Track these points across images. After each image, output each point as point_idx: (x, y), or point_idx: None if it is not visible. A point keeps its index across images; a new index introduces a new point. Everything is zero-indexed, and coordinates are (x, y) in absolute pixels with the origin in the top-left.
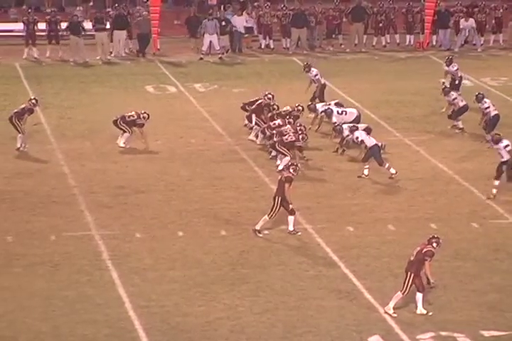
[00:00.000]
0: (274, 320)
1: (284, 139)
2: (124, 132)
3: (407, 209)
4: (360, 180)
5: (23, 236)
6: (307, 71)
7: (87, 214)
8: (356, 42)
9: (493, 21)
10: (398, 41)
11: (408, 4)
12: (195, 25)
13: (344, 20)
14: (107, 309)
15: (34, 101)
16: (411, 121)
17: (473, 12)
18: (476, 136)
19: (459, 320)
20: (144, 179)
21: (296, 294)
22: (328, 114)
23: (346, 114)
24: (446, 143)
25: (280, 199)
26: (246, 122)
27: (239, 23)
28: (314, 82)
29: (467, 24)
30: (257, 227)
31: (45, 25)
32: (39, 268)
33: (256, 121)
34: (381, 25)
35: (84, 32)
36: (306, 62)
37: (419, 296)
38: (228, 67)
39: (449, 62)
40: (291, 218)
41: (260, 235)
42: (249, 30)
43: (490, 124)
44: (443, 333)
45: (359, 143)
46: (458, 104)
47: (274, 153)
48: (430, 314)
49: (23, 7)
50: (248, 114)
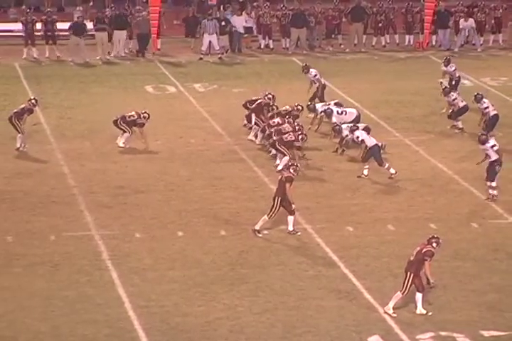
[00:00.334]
0: (274, 320)
1: (284, 138)
2: (124, 132)
3: (407, 209)
4: (359, 180)
5: (23, 236)
6: (306, 72)
7: (87, 214)
8: (356, 42)
9: (492, 21)
10: (398, 41)
11: (408, 4)
12: (193, 25)
13: (344, 20)
14: (107, 309)
15: (34, 101)
16: (411, 121)
17: (472, 12)
18: (476, 136)
19: (459, 320)
20: (144, 179)
21: (295, 294)
22: (327, 114)
23: (346, 114)
24: (445, 143)
25: (280, 199)
26: (245, 122)
27: (238, 23)
28: (314, 83)
29: (467, 24)
30: (257, 227)
31: (40, 25)
32: (39, 268)
33: (255, 121)
34: (381, 25)
35: (86, 33)
36: (305, 63)
37: (418, 296)
38: (228, 67)
39: (447, 62)
40: (290, 218)
41: (260, 235)
42: (248, 30)
43: (489, 124)
44: (442, 333)
45: (359, 142)
46: (458, 105)
47: (274, 152)
48: (430, 314)
49: (23, 7)
50: (247, 114)
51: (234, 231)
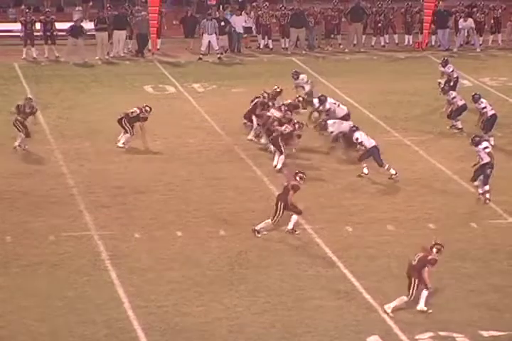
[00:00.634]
0: (273, 320)
1: (283, 130)
2: (126, 133)
3: (406, 209)
4: (359, 181)
5: (22, 236)
6: (296, 78)
7: (86, 214)
8: (355, 42)
9: (491, 21)
10: (397, 41)
11: (407, 4)
12: (191, 25)
13: (343, 20)
14: (106, 309)
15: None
16: (410, 121)
17: (472, 12)
18: None
19: (458, 320)
20: (143, 179)
21: (294, 294)
22: (322, 101)
23: (339, 106)
24: (445, 143)
25: (283, 204)
26: (245, 121)
27: (238, 23)
28: (304, 89)
29: (466, 24)
30: (257, 228)
31: (40, 25)
32: (38, 268)
33: (257, 122)
34: (380, 25)
35: (84, 34)
36: (295, 70)
37: (424, 293)
38: (227, 67)
39: (445, 63)
40: (294, 217)
41: (259, 235)
42: (248, 30)
43: (487, 124)
44: (442, 333)
45: (359, 144)
46: (457, 103)
47: (273, 149)
48: (430, 311)
49: (22, 7)
50: (246, 115)
51: (233, 231)
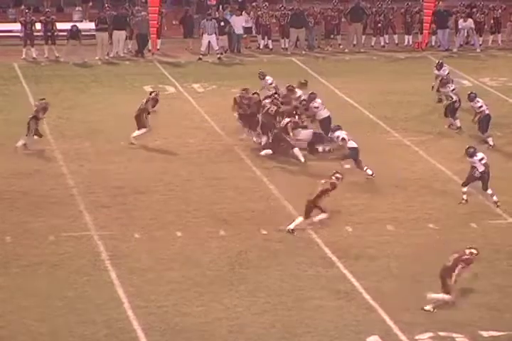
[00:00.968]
0: (273, 321)
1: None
2: (141, 128)
3: (406, 209)
4: (359, 181)
5: (22, 236)
6: (262, 78)
7: (86, 214)
8: (355, 42)
9: (491, 21)
10: (397, 41)
11: (407, 4)
12: (190, 25)
13: (343, 20)
14: (106, 309)
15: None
16: (410, 122)
17: (471, 12)
18: (475, 137)
19: (458, 321)
20: (143, 179)
21: (294, 294)
22: (311, 99)
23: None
24: (445, 143)
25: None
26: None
27: (237, 24)
28: (269, 90)
29: (465, 24)
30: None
31: (39, 25)
32: (38, 268)
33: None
34: (380, 25)
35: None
36: (261, 70)
37: (443, 296)
38: (227, 68)
39: (440, 66)
40: (300, 219)
41: (295, 234)
42: (247, 30)
43: (483, 125)
44: (442, 333)
45: (340, 141)
46: (453, 97)
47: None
48: (434, 311)
49: (22, 7)
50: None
51: (233, 231)
